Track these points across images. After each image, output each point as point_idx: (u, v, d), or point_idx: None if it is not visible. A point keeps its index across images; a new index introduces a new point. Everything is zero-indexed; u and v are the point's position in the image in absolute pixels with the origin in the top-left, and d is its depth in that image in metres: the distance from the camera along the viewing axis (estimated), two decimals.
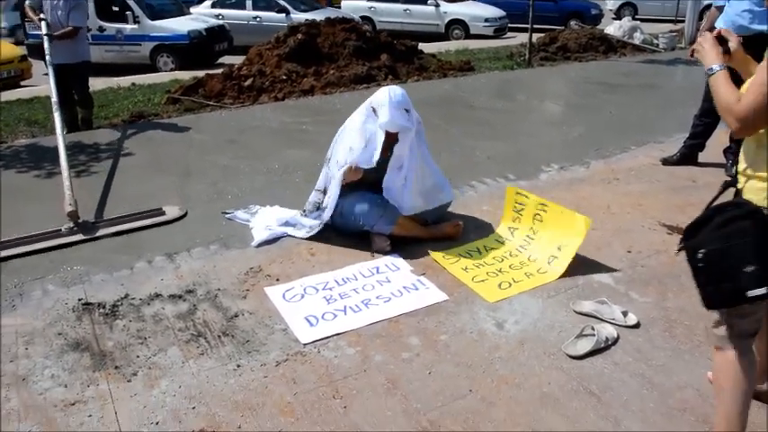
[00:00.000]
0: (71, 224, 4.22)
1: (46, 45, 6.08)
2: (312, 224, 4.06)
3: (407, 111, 3.85)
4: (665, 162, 5.38)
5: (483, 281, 3.54)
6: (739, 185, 2.12)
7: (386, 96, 3.82)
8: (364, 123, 3.91)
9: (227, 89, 8.34)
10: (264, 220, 4.23)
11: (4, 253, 3.92)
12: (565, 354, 2.92)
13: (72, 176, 4.75)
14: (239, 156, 5.79)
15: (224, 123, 7.01)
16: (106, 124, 7.17)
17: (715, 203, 2.12)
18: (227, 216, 4.39)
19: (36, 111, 7.92)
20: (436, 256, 3.82)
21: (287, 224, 4.15)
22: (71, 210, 4.23)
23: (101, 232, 4.22)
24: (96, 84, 9.25)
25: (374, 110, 3.88)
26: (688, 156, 5.37)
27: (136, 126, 7.00)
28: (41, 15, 6.20)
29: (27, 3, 6.45)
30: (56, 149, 5.05)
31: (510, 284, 3.50)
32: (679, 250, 2.13)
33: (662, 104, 7.38)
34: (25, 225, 4.26)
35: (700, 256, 2.00)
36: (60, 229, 4.20)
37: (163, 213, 4.49)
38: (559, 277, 3.55)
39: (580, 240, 3.60)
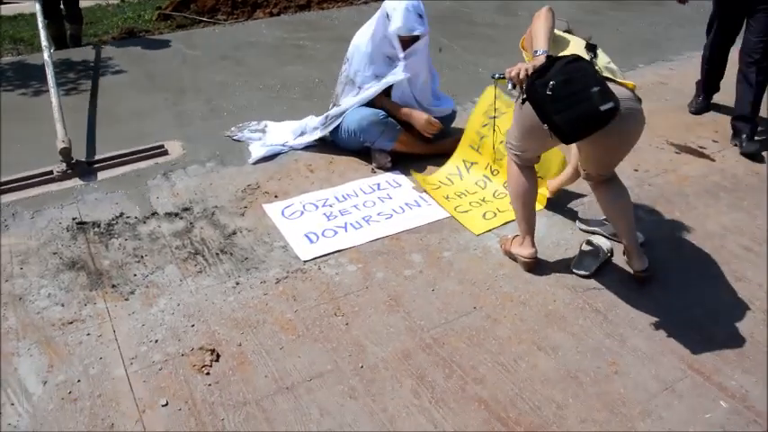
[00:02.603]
0: (64, 165, 3.76)
1: None
2: (317, 124, 4.00)
3: (421, 16, 3.66)
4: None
5: (466, 212, 3.38)
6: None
7: (396, 3, 3.62)
8: (378, 33, 3.73)
9: (221, 4, 8.01)
10: (280, 136, 4.11)
11: None
12: (574, 273, 2.86)
13: (61, 95, 4.59)
14: (234, 72, 5.59)
15: (218, 39, 6.76)
16: (95, 41, 6.91)
17: None
18: (235, 138, 4.21)
19: (21, 28, 7.61)
20: (418, 177, 3.68)
21: (302, 134, 4.05)
22: (63, 146, 3.76)
23: (99, 176, 3.79)
24: (84, 2, 8.90)
25: (387, 15, 3.67)
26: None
27: (126, 43, 6.75)
28: None
29: None
30: (43, 68, 4.85)
31: (495, 214, 3.34)
32: (524, 101, 2.42)
33: (671, 22, 7.12)
34: (13, 152, 4.07)
35: (549, 87, 2.27)
36: (52, 171, 3.75)
37: (165, 152, 4.06)
38: (564, 196, 3.45)
39: (556, 171, 3.46)
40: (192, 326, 2.57)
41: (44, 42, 5.18)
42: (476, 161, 3.70)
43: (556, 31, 2.70)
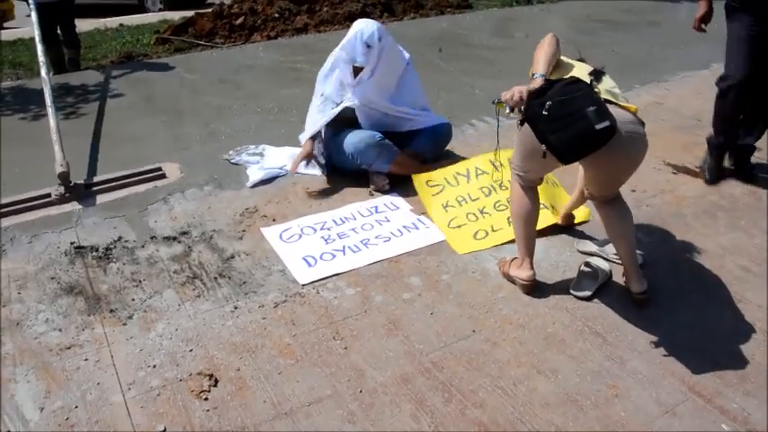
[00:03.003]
0: (62, 189, 3.76)
1: None
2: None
3: (369, 46, 3.69)
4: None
5: (459, 227, 3.38)
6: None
7: (355, 30, 3.73)
8: (333, 64, 3.89)
9: (218, 28, 8.08)
10: (278, 160, 4.13)
11: None
12: (573, 295, 2.86)
13: (60, 119, 4.61)
14: (232, 96, 5.63)
15: (216, 63, 6.81)
16: (94, 65, 6.96)
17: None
18: (233, 161, 4.22)
19: (20, 53, 7.68)
20: (419, 181, 3.67)
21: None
22: (62, 170, 3.76)
23: (98, 200, 3.79)
24: (83, 25, 8.96)
25: (343, 46, 3.78)
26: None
27: (125, 67, 6.80)
28: None
29: None
30: (42, 92, 4.87)
31: (486, 234, 3.32)
32: (522, 122, 2.47)
33: (666, 42, 7.19)
34: (12, 174, 4.09)
35: (546, 107, 2.31)
36: (50, 194, 3.76)
37: (163, 175, 4.07)
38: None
39: (565, 208, 3.42)
40: (191, 351, 2.56)
41: (41, 58, 5.24)
42: (487, 172, 3.71)
43: (563, 57, 2.71)
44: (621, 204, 2.79)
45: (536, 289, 2.88)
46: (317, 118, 3.89)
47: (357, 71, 3.75)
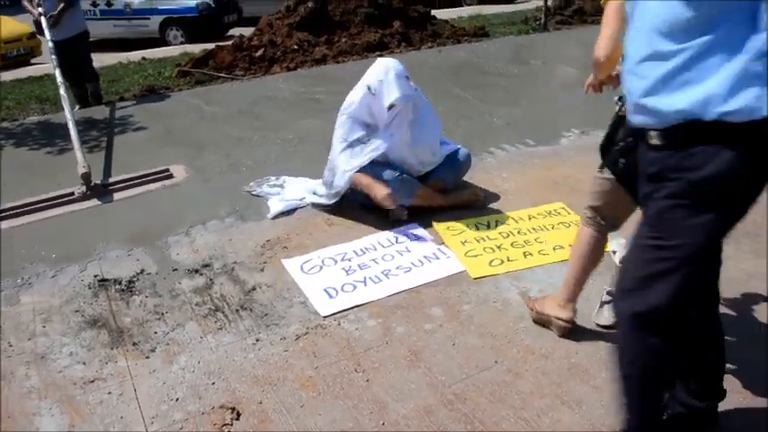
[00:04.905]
0: (84, 188, 4.30)
1: (44, 24, 6.01)
2: (329, 194, 3.97)
3: (408, 77, 3.70)
4: None
5: (476, 256, 3.40)
6: None
7: (385, 70, 3.63)
8: (364, 106, 3.74)
9: (238, 60, 8.21)
10: (298, 191, 4.15)
11: (19, 221, 4.05)
12: (596, 324, 2.83)
13: (84, 152, 4.71)
14: (252, 127, 5.70)
15: (236, 95, 6.91)
16: (117, 99, 7.10)
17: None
18: (253, 193, 4.26)
19: (47, 88, 7.85)
20: (439, 227, 3.71)
21: (315, 193, 4.07)
22: (84, 171, 4.30)
23: (115, 196, 4.33)
24: (106, 59, 9.17)
25: (369, 88, 3.67)
26: None
27: (147, 100, 6.93)
28: (39, 10, 6.09)
29: None
30: (67, 126, 4.99)
31: (501, 262, 3.34)
32: (602, 167, 2.32)
33: None
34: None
35: (620, 165, 2.16)
36: (73, 192, 4.28)
37: (171, 175, 4.62)
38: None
39: None
40: (213, 383, 2.57)
41: (59, 79, 5.72)
42: (507, 223, 3.77)
43: None
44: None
45: (573, 333, 2.79)
46: (352, 161, 3.78)
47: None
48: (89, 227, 3.95)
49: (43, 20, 6.03)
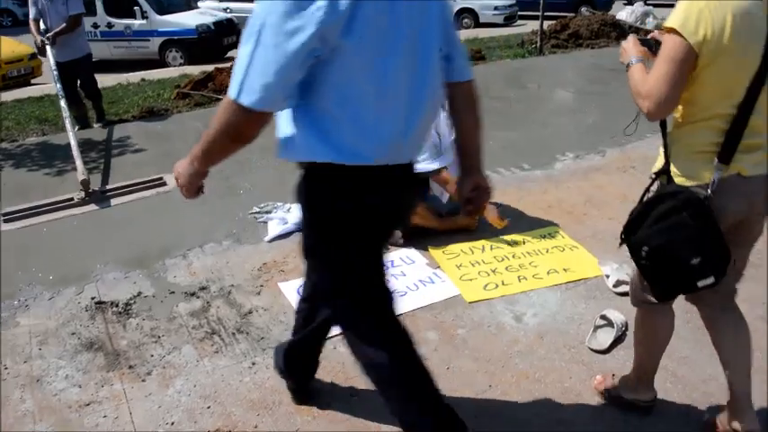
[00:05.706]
0: (83, 193, 4.55)
1: (48, 49, 6.10)
2: None
3: None
4: None
5: (471, 279, 3.44)
6: (672, 173, 2.11)
7: None
8: None
9: None
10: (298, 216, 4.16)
11: (20, 224, 4.29)
12: (589, 348, 2.85)
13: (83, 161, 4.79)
14: (251, 149, 5.62)
15: None
16: (116, 120, 7.15)
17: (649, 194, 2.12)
18: (260, 220, 4.27)
19: (47, 108, 7.91)
20: (435, 252, 3.74)
21: None
22: (83, 178, 4.58)
23: (112, 202, 4.64)
24: (106, 80, 9.22)
25: None
26: None
27: (146, 121, 6.98)
28: (41, 38, 6.17)
29: (32, 17, 6.34)
30: (67, 146, 5.04)
31: (496, 286, 3.38)
32: (621, 244, 2.11)
33: None
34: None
35: (643, 253, 1.99)
36: (73, 198, 4.57)
37: (164, 183, 4.94)
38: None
39: (587, 275, 3.47)
40: (208, 407, 2.58)
41: (60, 93, 6.03)
42: (502, 246, 3.81)
43: None
44: (736, 308, 2.28)
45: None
46: None
47: None
48: (87, 241, 4.01)
49: (48, 49, 6.11)
